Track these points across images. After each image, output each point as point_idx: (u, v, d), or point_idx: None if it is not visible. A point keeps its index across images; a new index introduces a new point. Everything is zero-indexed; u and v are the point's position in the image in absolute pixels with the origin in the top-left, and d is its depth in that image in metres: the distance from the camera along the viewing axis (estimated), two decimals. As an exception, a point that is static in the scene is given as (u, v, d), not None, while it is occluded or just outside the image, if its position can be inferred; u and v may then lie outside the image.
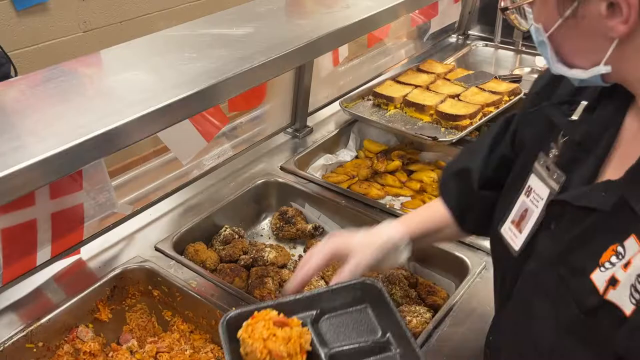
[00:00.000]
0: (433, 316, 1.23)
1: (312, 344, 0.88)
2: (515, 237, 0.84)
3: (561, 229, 0.76)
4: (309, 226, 1.56)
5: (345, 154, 1.97)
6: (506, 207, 0.89)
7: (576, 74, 0.74)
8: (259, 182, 1.66)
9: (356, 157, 1.97)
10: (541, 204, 0.81)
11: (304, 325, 0.90)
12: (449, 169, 1.10)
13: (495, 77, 2.15)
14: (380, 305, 0.93)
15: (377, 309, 0.94)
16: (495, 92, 2.01)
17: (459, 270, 1.36)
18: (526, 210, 0.83)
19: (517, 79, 2.26)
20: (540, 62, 2.38)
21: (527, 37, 2.66)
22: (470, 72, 2.20)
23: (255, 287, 1.30)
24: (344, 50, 2.05)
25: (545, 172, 0.81)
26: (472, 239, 1.40)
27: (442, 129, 1.86)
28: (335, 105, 2.05)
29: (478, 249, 1.39)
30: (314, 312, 0.93)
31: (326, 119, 2.05)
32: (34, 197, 1.17)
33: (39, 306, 1.24)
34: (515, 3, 0.78)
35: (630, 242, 0.66)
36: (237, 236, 1.49)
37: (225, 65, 1.14)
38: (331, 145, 1.95)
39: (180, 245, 1.46)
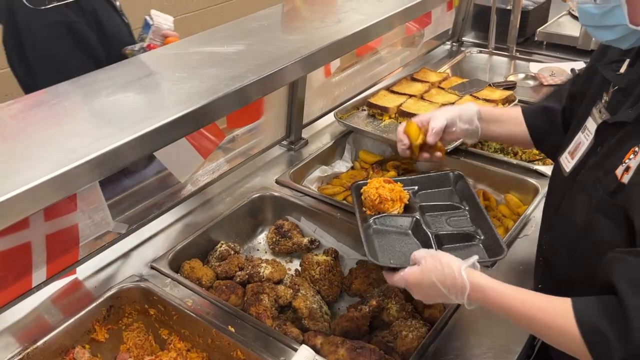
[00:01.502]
0: (429, 330, 1.23)
1: (409, 199, 1.36)
2: (568, 162, 1.12)
3: (603, 148, 1.02)
4: (305, 240, 1.56)
5: (341, 165, 1.98)
6: (567, 143, 1.16)
7: None
8: (255, 196, 1.66)
9: (352, 168, 1.97)
10: (590, 137, 1.07)
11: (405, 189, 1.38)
12: (535, 105, 1.43)
13: (489, 85, 2.16)
14: (460, 186, 1.42)
15: (458, 189, 1.42)
16: (489, 100, 2.01)
17: (455, 283, 1.36)
18: (579, 143, 1.10)
19: (511, 86, 2.26)
20: (533, 68, 2.38)
21: (520, 42, 2.67)
22: (465, 80, 2.20)
23: (251, 304, 1.30)
24: (336, 61, 2.05)
25: (598, 114, 1.07)
26: (467, 251, 1.40)
27: (437, 139, 1.86)
28: (331, 117, 2.05)
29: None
30: (415, 187, 1.43)
31: (321, 131, 2.05)
32: (27, 220, 1.17)
33: (35, 328, 1.24)
34: None
35: None
36: (232, 252, 1.49)
37: (217, 85, 1.15)
38: (327, 157, 1.95)
39: (176, 263, 1.46)
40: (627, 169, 0.93)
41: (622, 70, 1.06)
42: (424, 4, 1.67)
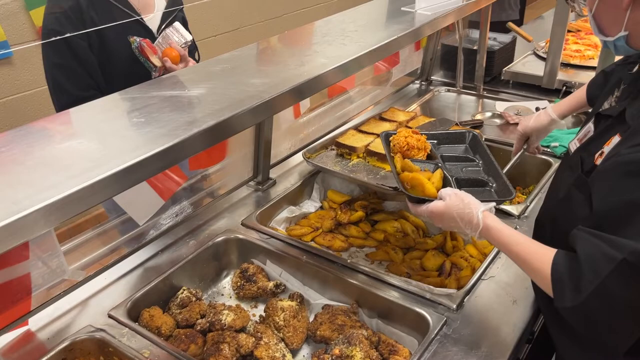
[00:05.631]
0: (394, 378, 1.20)
1: (431, 150, 1.58)
2: (575, 147, 1.27)
3: (595, 133, 1.20)
4: (270, 284, 1.53)
5: (310, 205, 1.96)
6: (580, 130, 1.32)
7: (609, 39, 1.16)
8: (219, 239, 1.63)
9: (321, 207, 1.96)
10: None
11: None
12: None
13: (456, 124, 2.18)
14: (476, 145, 1.64)
15: (472, 146, 1.65)
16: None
17: (421, 327, 1.34)
18: (588, 132, 1.24)
19: (478, 124, 2.29)
20: (499, 107, 2.42)
21: (487, 81, 2.72)
22: (432, 119, 2.23)
23: (210, 354, 1.26)
24: (305, 102, 2.06)
25: (609, 107, 1.22)
26: (432, 296, 1.38)
27: (405, 178, 1.86)
28: (299, 156, 2.04)
29: (439, 304, 1.37)
30: (435, 141, 1.64)
31: (290, 170, 2.04)
32: (-26, 271, 1.12)
33: (-20, 386, 1.18)
34: None
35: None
36: (194, 299, 1.45)
37: (174, 130, 1.13)
38: (295, 197, 1.94)
39: (136, 311, 1.41)
40: (602, 154, 1.10)
41: (634, 70, 1.21)
42: (389, 46, 1.69)
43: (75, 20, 1.81)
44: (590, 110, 1.49)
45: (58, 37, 1.75)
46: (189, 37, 1.97)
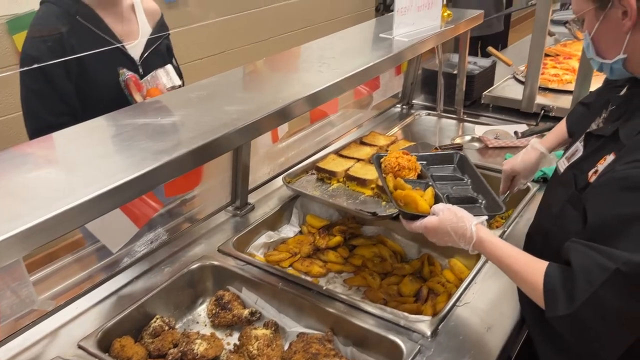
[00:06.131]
0: (368, 409, 1.19)
1: (421, 170, 1.61)
2: (564, 165, 1.32)
3: (585, 152, 1.24)
4: (246, 312, 1.51)
5: (289, 230, 1.95)
6: (567, 150, 1.36)
7: (606, 61, 1.19)
8: (194, 266, 1.61)
9: (300, 232, 1.95)
10: None
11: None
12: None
13: (436, 148, 2.20)
14: (464, 165, 1.71)
15: (462, 167, 1.71)
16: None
17: (394, 355, 1.33)
18: (576, 151, 1.29)
19: (457, 148, 2.31)
20: (478, 131, 2.44)
21: (467, 105, 2.75)
22: (412, 143, 2.24)
23: (181, 386, 1.24)
24: (284, 127, 2.07)
25: (595, 127, 1.27)
26: (407, 323, 1.38)
27: (384, 203, 1.86)
28: (279, 180, 2.04)
29: (414, 331, 1.36)
30: (424, 162, 1.69)
31: (269, 195, 2.03)
32: (-63, 303, 1.10)
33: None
34: (570, 19, 1.24)
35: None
36: (167, 327, 1.43)
37: (143, 160, 1.12)
38: (274, 222, 1.93)
39: (107, 341, 1.38)
40: (596, 172, 1.14)
41: (622, 93, 1.25)
42: (365, 73, 1.70)
43: (56, 47, 1.81)
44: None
45: (35, 66, 1.74)
46: (178, 82, 1.95)
